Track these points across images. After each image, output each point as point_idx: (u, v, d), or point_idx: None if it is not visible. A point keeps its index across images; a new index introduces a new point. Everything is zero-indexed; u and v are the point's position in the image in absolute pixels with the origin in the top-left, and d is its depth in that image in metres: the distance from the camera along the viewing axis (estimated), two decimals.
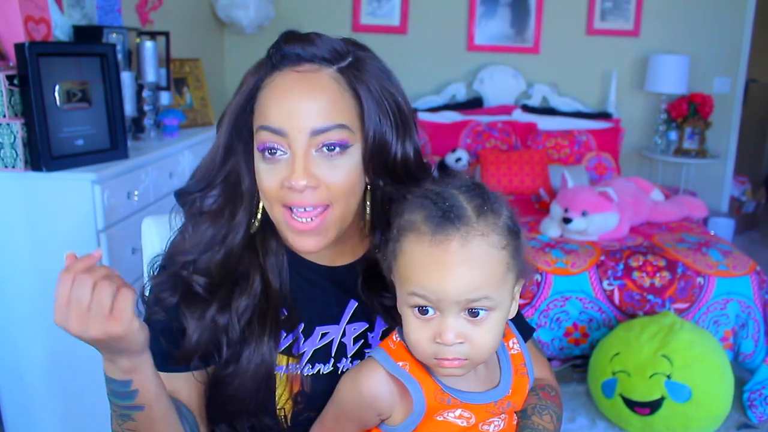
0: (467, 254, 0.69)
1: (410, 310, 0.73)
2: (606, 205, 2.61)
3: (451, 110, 3.85)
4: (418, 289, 0.70)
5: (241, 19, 3.52)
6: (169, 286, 0.86)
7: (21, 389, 1.87)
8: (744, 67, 4.00)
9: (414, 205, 0.73)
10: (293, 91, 0.79)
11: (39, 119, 1.69)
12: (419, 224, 0.71)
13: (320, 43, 0.81)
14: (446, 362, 0.71)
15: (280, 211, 0.82)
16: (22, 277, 1.79)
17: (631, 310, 2.42)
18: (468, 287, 0.69)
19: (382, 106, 0.82)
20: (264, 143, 0.80)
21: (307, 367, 0.87)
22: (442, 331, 0.70)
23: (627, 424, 2.18)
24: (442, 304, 0.70)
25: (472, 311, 0.70)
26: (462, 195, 0.72)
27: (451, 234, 0.69)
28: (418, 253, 0.71)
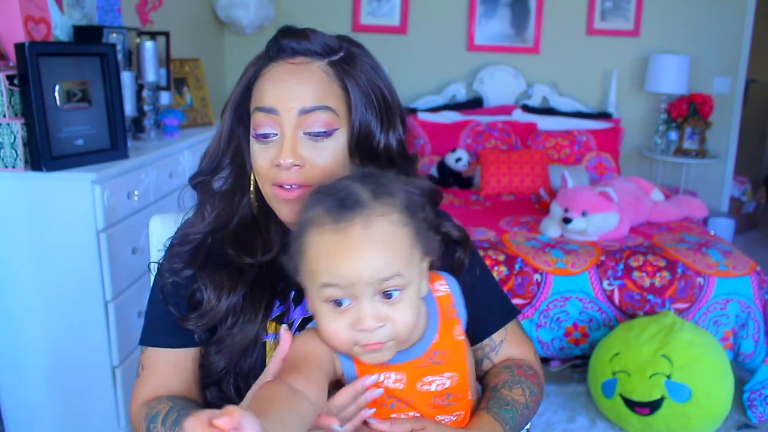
0: (371, 235, 0.71)
1: (324, 306, 0.73)
2: (606, 205, 2.61)
3: (451, 110, 3.86)
4: (329, 278, 0.71)
5: (241, 19, 3.52)
6: (185, 258, 0.93)
7: (21, 389, 1.87)
8: (744, 67, 4.00)
9: (311, 202, 0.75)
10: (285, 78, 0.87)
11: (39, 119, 1.69)
12: (319, 217, 0.73)
13: (314, 39, 0.88)
14: (371, 347, 0.72)
15: (270, 189, 0.89)
16: (22, 277, 1.78)
17: (631, 310, 2.42)
18: (377, 267, 0.70)
19: (368, 98, 0.89)
20: (258, 126, 0.87)
21: (296, 334, 0.90)
22: (361, 318, 0.71)
23: (627, 424, 2.18)
24: (355, 289, 0.70)
25: (385, 293, 0.72)
26: (355, 183, 0.74)
27: (351, 219, 0.71)
28: (323, 243, 0.72)
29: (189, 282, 0.92)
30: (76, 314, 1.81)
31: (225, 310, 0.90)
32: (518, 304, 2.42)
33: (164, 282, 0.93)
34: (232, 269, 0.92)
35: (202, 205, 0.96)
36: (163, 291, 0.93)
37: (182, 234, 0.95)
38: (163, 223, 1.12)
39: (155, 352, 0.94)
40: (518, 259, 2.46)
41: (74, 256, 1.77)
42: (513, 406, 0.90)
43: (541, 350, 2.46)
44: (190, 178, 0.98)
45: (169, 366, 0.94)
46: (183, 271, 0.92)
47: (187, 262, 0.93)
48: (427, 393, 0.79)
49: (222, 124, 0.95)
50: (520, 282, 2.43)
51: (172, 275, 0.93)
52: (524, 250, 2.51)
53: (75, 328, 1.82)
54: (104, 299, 1.81)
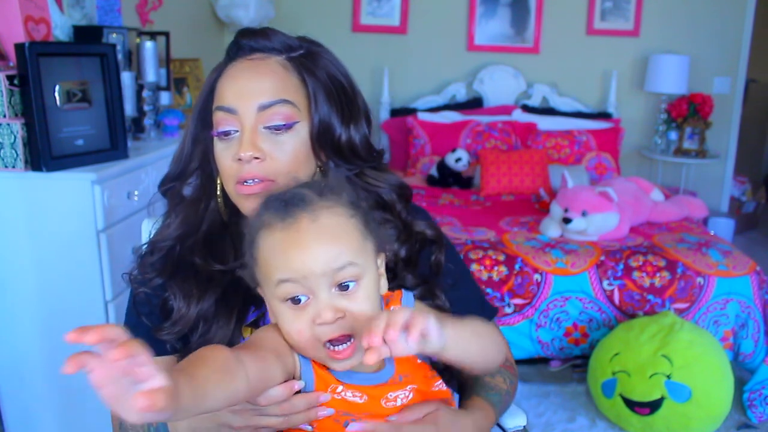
0: (319, 227, 0.72)
1: (283, 305, 0.73)
2: (606, 205, 2.61)
3: (451, 110, 3.86)
4: (283, 274, 0.71)
5: (241, 19, 3.52)
6: (156, 267, 0.92)
7: (21, 389, 1.87)
8: (744, 67, 4.00)
9: (258, 210, 0.77)
10: (243, 75, 0.87)
11: (39, 119, 1.69)
12: (267, 220, 0.74)
13: (273, 37, 0.89)
14: (337, 349, 0.72)
15: (233, 187, 0.88)
16: (22, 277, 1.78)
17: (631, 310, 2.42)
18: (329, 256, 0.71)
19: (329, 92, 0.89)
20: (218, 124, 0.87)
21: None
22: (320, 311, 0.71)
23: (627, 424, 2.18)
24: (309, 282, 0.71)
25: (341, 285, 0.72)
26: (300, 188, 0.76)
27: (298, 214, 0.72)
28: (273, 242, 0.73)
29: (160, 291, 0.91)
30: (76, 314, 1.81)
31: (195, 317, 0.88)
32: (518, 304, 2.43)
33: (137, 291, 0.92)
34: (201, 277, 0.90)
35: (169, 213, 0.95)
36: (135, 301, 0.93)
37: (151, 243, 0.94)
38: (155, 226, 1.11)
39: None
40: (518, 259, 2.46)
41: (74, 256, 1.77)
42: (497, 391, 0.95)
43: (541, 350, 2.47)
44: (159, 184, 0.98)
45: None
46: (153, 281, 0.91)
47: (158, 271, 0.92)
48: (393, 408, 0.78)
49: (187, 129, 0.95)
50: (520, 282, 2.43)
51: (143, 285, 0.92)
52: (524, 250, 2.51)
53: None
54: (104, 299, 1.81)
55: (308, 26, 3.88)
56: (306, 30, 0.92)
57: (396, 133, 3.86)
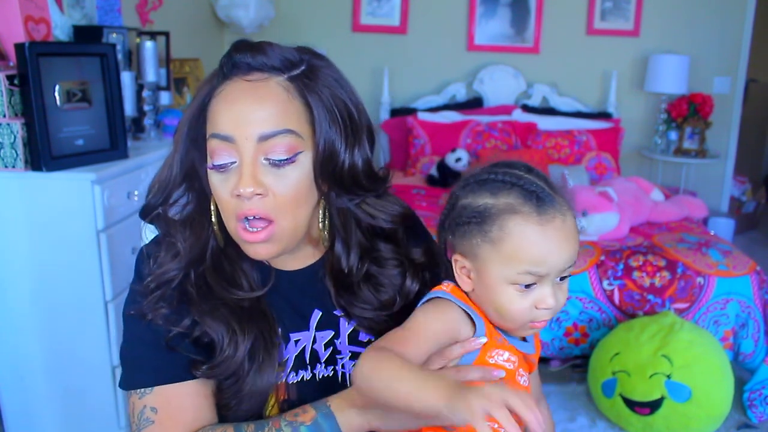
0: (568, 228, 0.78)
1: (511, 287, 0.78)
2: (606, 205, 2.61)
3: (451, 110, 3.86)
4: (535, 267, 0.76)
5: (241, 19, 3.52)
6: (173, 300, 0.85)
7: (21, 389, 1.87)
8: (744, 67, 4.00)
9: (498, 189, 0.78)
10: (241, 99, 0.79)
11: (39, 119, 1.69)
12: (519, 207, 0.76)
13: (271, 53, 0.80)
14: (539, 324, 0.79)
15: (234, 225, 0.82)
16: (22, 277, 1.79)
17: (631, 310, 2.42)
18: (571, 257, 0.78)
19: (332, 114, 0.82)
20: (214, 154, 0.80)
21: (291, 374, 0.88)
22: (544, 298, 0.77)
23: (627, 424, 2.18)
24: (550, 276, 0.77)
25: (562, 277, 0.79)
26: (529, 175, 0.79)
27: (552, 213, 0.76)
28: (531, 233, 0.76)
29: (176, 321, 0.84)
30: (76, 314, 1.81)
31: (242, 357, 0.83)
32: None
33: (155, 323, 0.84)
34: (230, 308, 0.85)
35: (169, 239, 0.87)
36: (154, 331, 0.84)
37: (157, 276, 0.85)
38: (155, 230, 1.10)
39: (170, 389, 0.83)
40: None
41: (74, 256, 1.77)
42: None
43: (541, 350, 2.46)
44: (141, 212, 0.90)
45: (194, 398, 0.84)
46: (173, 315, 0.84)
47: (176, 302, 0.84)
48: (521, 386, 0.84)
49: (174, 150, 0.86)
50: None
51: (162, 320, 0.84)
52: None
53: (75, 328, 1.82)
54: (104, 299, 1.82)
55: (308, 26, 3.89)
56: (306, 30, 0.89)
57: (396, 133, 3.86)
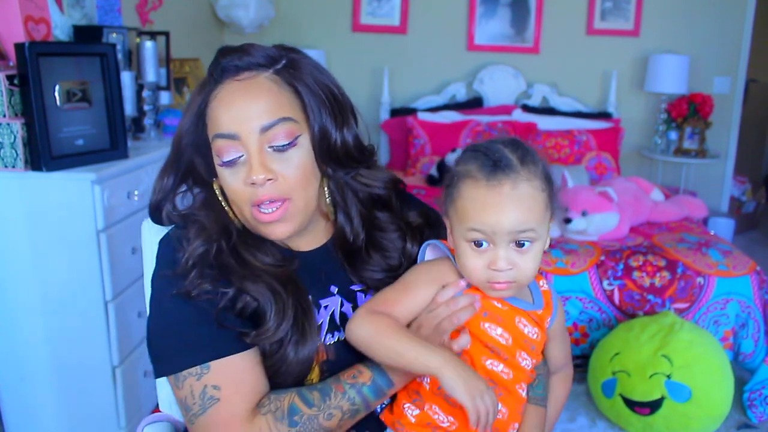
0: (517, 195, 0.83)
1: (467, 244, 0.86)
2: (606, 205, 2.61)
3: (451, 110, 3.86)
4: (476, 225, 0.84)
5: (241, 19, 3.52)
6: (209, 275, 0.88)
7: (21, 389, 1.87)
8: (744, 67, 4.00)
9: (467, 157, 0.88)
10: (237, 99, 0.86)
11: (39, 119, 1.69)
12: (474, 172, 0.85)
13: (254, 52, 0.88)
14: (497, 285, 0.86)
15: (249, 211, 0.89)
16: (22, 277, 1.79)
17: (631, 310, 2.42)
18: (517, 222, 0.83)
19: (319, 98, 0.90)
20: (221, 152, 0.87)
21: (327, 336, 0.94)
22: (495, 260, 0.85)
23: (627, 424, 2.18)
24: (495, 237, 0.84)
25: (518, 243, 0.85)
26: (506, 148, 0.86)
27: (502, 179, 0.83)
28: (476, 195, 0.84)
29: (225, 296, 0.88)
30: (76, 314, 1.81)
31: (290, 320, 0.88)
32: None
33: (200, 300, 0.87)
34: (268, 275, 0.90)
35: (193, 218, 0.92)
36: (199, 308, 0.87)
37: (191, 252, 0.88)
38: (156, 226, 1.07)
39: (227, 363, 0.85)
40: None
41: (74, 256, 1.77)
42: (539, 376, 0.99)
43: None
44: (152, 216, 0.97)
45: (250, 369, 0.86)
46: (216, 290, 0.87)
47: (217, 276, 0.88)
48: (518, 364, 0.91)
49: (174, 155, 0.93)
50: None
51: (207, 296, 0.87)
52: None
53: (75, 328, 1.82)
54: (104, 299, 1.82)
55: (308, 26, 3.89)
56: (306, 30, 0.92)
57: (396, 133, 3.86)
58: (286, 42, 0.94)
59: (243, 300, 0.88)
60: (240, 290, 0.88)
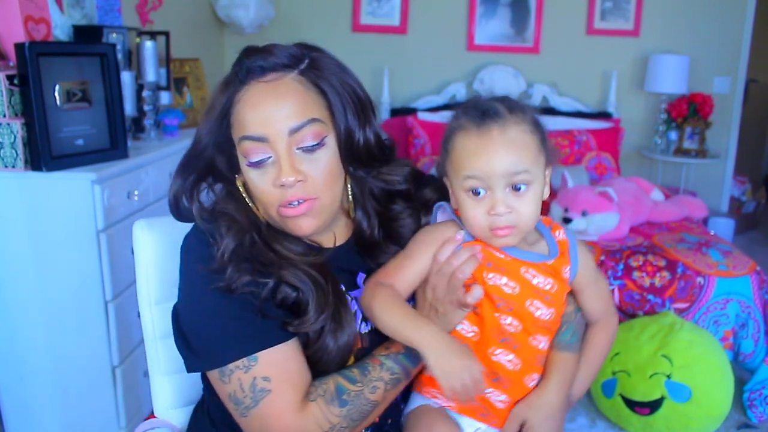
0: (506, 137, 0.86)
1: (465, 194, 0.89)
2: (606, 205, 2.61)
3: (451, 110, 3.81)
4: (471, 171, 0.87)
5: (241, 19, 3.52)
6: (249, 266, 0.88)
7: (21, 389, 1.87)
8: (744, 67, 4.00)
9: (458, 114, 0.92)
10: (265, 100, 0.87)
11: (39, 119, 1.69)
12: (464, 123, 0.89)
13: (278, 52, 0.89)
14: (499, 231, 0.87)
15: (275, 210, 0.90)
16: (22, 277, 1.78)
17: (631, 310, 2.42)
18: (510, 162, 0.86)
19: (343, 97, 0.91)
20: (249, 153, 0.88)
21: (362, 325, 0.95)
22: (494, 204, 0.86)
23: (627, 424, 2.18)
24: (491, 181, 0.86)
25: (514, 187, 0.87)
26: (495, 101, 0.89)
27: (491, 125, 0.87)
28: (467, 144, 0.88)
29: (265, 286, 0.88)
30: (76, 314, 1.81)
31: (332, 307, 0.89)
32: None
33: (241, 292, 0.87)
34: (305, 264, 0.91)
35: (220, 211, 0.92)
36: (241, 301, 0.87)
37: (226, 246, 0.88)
38: (149, 227, 1.08)
39: (274, 353, 0.85)
40: None
41: (74, 256, 1.77)
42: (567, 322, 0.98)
43: None
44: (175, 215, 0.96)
45: (295, 358, 0.87)
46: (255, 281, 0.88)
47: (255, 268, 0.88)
48: (531, 315, 0.92)
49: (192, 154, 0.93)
50: None
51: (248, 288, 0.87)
52: None
53: (75, 328, 1.82)
54: (104, 299, 1.82)
55: (308, 26, 3.88)
56: (306, 30, 0.92)
57: (396, 133, 3.85)
58: (286, 42, 0.93)
59: (282, 291, 0.89)
60: (279, 280, 0.89)
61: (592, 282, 0.99)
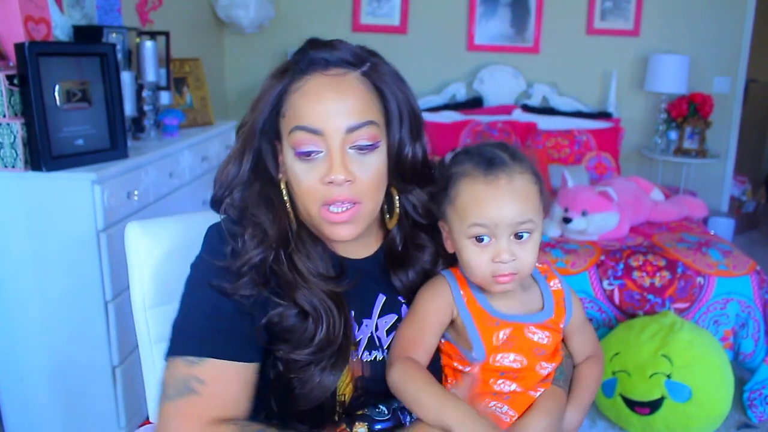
0: (514, 188, 0.88)
1: (469, 241, 0.89)
2: (606, 205, 2.61)
3: (451, 110, 3.85)
4: (479, 219, 0.87)
5: (241, 19, 3.52)
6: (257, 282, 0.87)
7: (21, 389, 1.87)
8: (744, 67, 4.00)
9: (460, 159, 0.92)
10: (326, 93, 0.85)
11: (39, 119, 1.69)
12: (471, 170, 0.89)
13: (343, 48, 0.88)
14: (501, 278, 0.88)
15: (317, 209, 0.87)
16: (22, 277, 1.78)
17: (631, 309, 2.42)
18: (517, 213, 0.87)
19: (401, 107, 0.91)
20: (300, 144, 0.85)
21: (365, 353, 0.93)
22: (499, 252, 0.87)
23: (627, 424, 2.18)
24: (497, 230, 0.87)
25: (517, 235, 0.88)
26: (496, 149, 0.91)
27: (498, 174, 0.88)
28: (475, 191, 0.88)
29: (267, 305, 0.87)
30: (76, 314, 1.81)
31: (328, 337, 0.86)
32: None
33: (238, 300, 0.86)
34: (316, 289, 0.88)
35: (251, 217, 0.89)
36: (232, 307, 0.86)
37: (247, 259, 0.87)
38: (142, 229, 1.06)
39: (225, 366, 0.84)
40: None
41: (74, 256, 1.77)
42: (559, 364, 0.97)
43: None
44: (212, 205, 0.94)
45: (239, 382, 0.85)
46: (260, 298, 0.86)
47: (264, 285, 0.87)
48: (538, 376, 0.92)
49: (242, 146, 0.90)
50: None
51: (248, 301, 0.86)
52: None
53: (75, 328, 1.82)
54: (104, 299, 1.81)
55: (308, 26, 3.88)
56: (306, 30, 0.92)
57: None
58: (286, 42, 0.93)
59: (287, 315, 0.87)
60: (292, 302, 0.87)
61: (581, 326, 1.02)
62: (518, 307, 0.94)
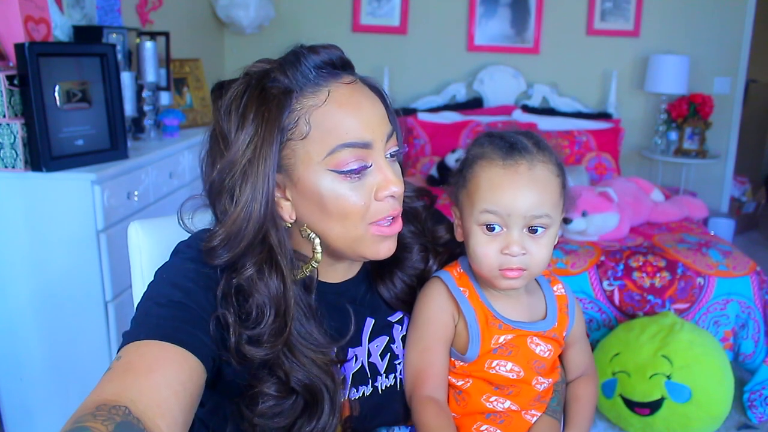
0: (533, 176, 0.82)
1: (479, 228, 0.84)
2: (606, 206, 2.61)
3: (451, 110, 3.85)
4: (491, 206, 0.82)
5: (241, 19, 3.52)
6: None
7: (21, 389, 1.87)
8: (744, 67, 4.00)
9: (481, 142, 0.86)
10: (361, 101, 0.77)
11: (39, 119, 1.69)
12: (490, 153, 0.84)
13: (334, 51, 0.83)
14: (509, 272, 0.83)
15: (364, 228, 0.78)
16: (22, 277, 1.79)
17: (631, 310, 2.42)
18: (533, 204, 0.81)
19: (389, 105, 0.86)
20: (345, 163, 0.75)
21: (351, 391, 0.87)
22: (509, 243, 0.82)
23: (627, 425, 2.18)
24: (510, 219, 0.82)
25: (531, 228, 0.83)
26: (520, 135, 0.85)
27: (519, 160, 0.82)
28: (491, 175, 0.82)
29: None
30: (76, 314, 1.81)
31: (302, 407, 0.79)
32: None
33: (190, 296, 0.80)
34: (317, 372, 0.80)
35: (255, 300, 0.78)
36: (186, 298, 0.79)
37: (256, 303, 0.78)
38: (143, 229, 1.06)
39: (157, 346, 0.73)
40: None
41: (74, 256, 1.77)
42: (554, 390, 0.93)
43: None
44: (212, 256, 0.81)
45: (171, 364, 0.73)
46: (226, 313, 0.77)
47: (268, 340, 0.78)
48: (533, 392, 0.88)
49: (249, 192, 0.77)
50: None
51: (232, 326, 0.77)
52: None
53: (75, 328, 1.82)
54: (104, 299, 1.82)
55: (308, 26, 3.88)
56: (306, 30, 0.90)
57: None
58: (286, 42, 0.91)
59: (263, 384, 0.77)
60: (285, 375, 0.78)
61: (580, 338, 0.97)
62: (522, 312, 0.89)
